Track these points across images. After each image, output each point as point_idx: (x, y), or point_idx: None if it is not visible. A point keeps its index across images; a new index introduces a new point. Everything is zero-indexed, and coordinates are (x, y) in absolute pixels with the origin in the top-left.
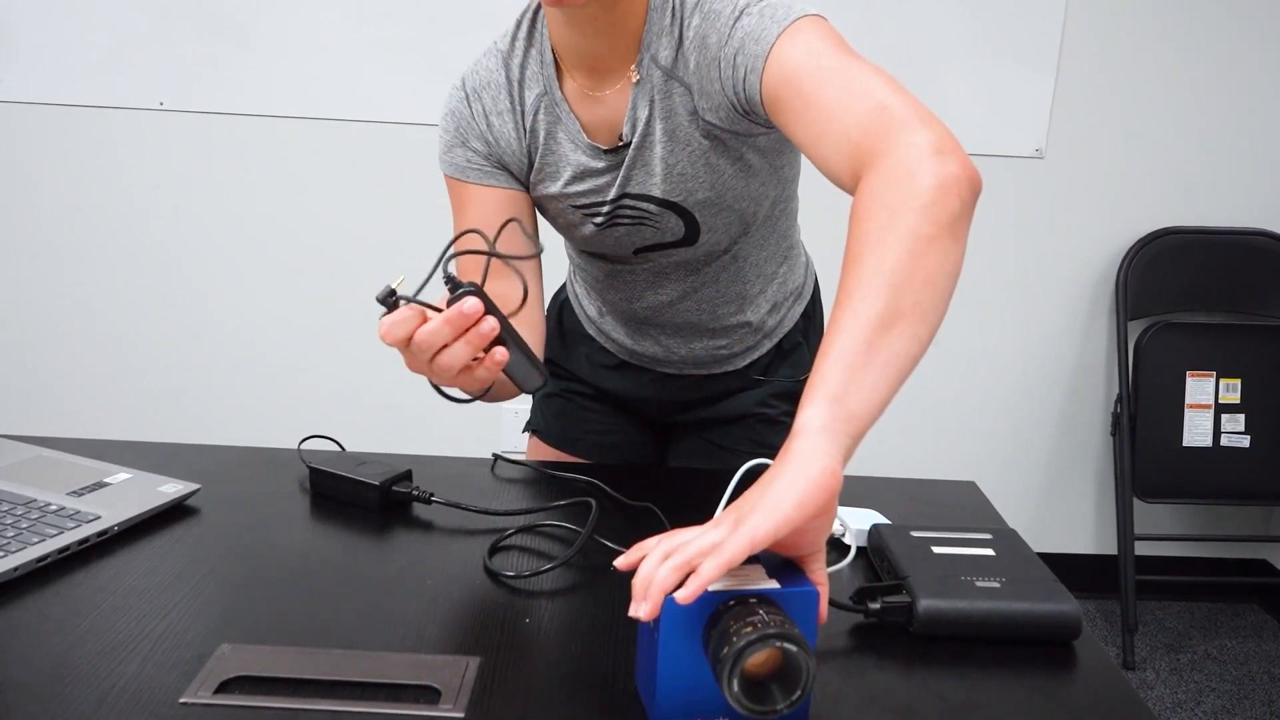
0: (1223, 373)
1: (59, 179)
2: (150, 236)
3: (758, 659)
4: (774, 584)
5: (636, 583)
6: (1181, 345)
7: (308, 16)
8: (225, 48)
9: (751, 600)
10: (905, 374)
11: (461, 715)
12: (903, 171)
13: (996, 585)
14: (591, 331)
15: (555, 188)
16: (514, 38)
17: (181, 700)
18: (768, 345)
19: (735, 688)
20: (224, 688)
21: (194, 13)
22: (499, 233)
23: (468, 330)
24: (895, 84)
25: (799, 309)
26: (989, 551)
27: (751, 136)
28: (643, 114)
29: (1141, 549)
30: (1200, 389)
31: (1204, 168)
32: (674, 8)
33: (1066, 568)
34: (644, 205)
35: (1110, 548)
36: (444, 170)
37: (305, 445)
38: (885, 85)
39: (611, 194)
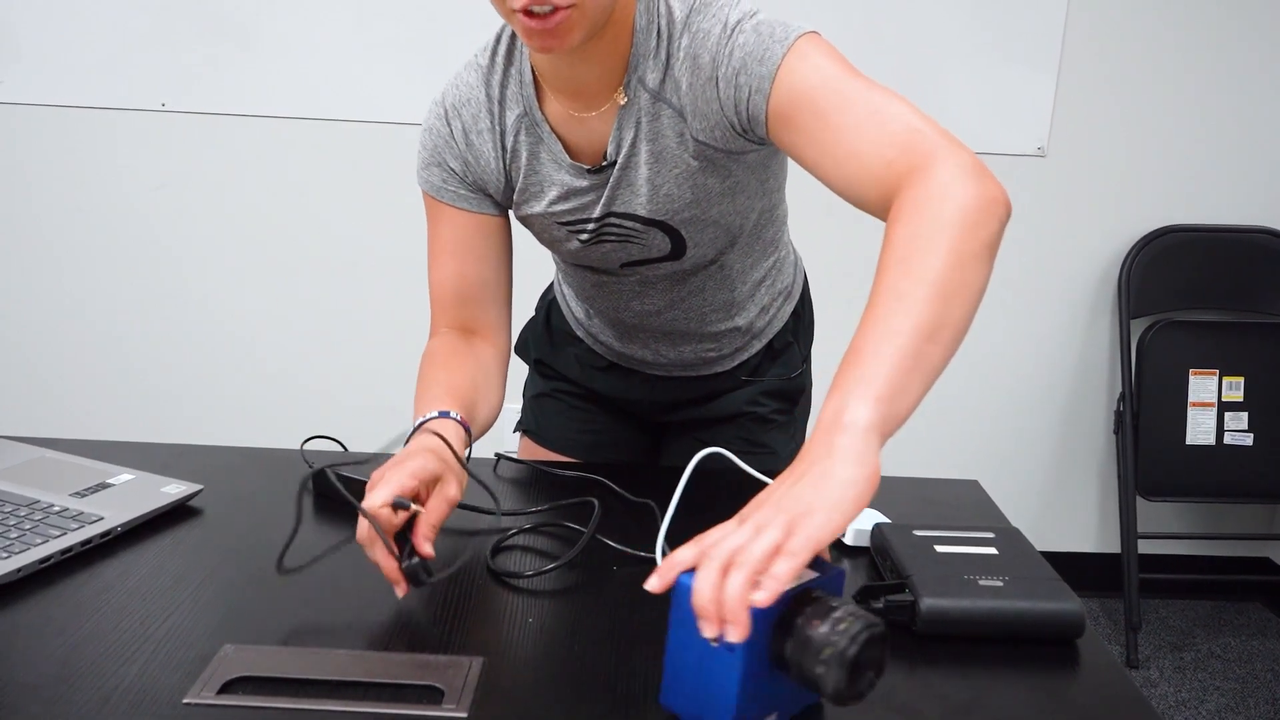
0: (1225, 371)
1: (61, 180)
2: (152, 237)
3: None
4: (811, 573)
5: (703, 604)
6: (1184, 343)
7: (308, 16)
8: (226, 48)
9: (815, 594)
10: (933, 383)
11: (465, 715)
12: (949, 189)
13: (999, 584)
14: (580, 333)
15: (539, 207)
16: (493, 54)
17: (185, 701)
18: (758, 346)
19: (843, 681)
20: (227, 688)
21: (195, 13)
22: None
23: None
24: (915, 107)
25: (788, 308)
26: (992, 550)
27: (743, 154)
28: (628, 136)
29: (1145, 547)
30: (1203, 387)
31: (1206, 166)
32: (659, 30)
33: (1069, 566)
34: (629, 223)
35: (1113, 546)
36: (420, 185)
37: (307, 446)
38: (909, 109)
39: (596, 212)
